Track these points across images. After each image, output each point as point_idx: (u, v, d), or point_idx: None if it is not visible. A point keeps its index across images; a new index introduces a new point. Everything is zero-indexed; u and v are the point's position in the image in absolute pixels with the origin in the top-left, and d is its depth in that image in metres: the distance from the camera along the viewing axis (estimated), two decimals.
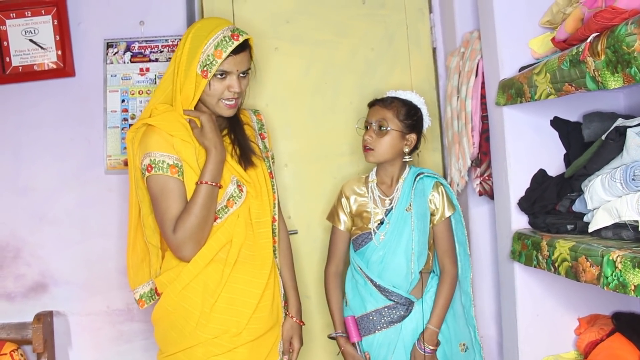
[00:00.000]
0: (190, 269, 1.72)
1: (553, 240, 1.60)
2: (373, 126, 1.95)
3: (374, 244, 1.96)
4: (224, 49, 1.70)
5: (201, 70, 1.71)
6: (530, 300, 1.86)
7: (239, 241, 1.76)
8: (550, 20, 1.79)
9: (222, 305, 1.73)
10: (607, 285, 1.32)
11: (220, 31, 1.73)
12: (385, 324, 1.94)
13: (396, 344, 1.93)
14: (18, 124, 2.35)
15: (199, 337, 1.72)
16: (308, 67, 2.46)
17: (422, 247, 1.94)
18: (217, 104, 1.76)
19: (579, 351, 1.82)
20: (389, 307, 1.94)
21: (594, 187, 1.55)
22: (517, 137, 1.88)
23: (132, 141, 1.78)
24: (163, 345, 1.81)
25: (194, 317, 1.72)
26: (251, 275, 1.77)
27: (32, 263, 2.34)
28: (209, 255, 1.73)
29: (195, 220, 1.67)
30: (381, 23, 2.48)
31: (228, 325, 1.73)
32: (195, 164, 1.73)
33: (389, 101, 1.98)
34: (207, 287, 1.73)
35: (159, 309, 1.79)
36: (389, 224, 1.96)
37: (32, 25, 2.34)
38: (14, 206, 2.34)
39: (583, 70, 1.38)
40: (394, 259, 1.93)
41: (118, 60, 2.36)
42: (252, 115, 2.02)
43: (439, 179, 2.00)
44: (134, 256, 1.87)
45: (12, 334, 2.25)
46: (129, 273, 1.88)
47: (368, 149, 1.95)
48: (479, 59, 2.06)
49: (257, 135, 1.98)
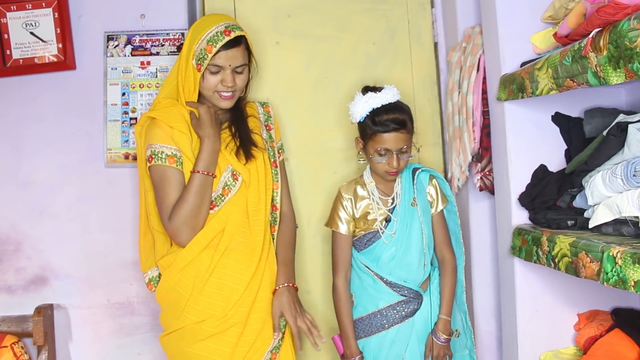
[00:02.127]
0: (185, 254, 1.82)
1: (553, 235, 1.61)
2: (395, 154, 1.88)
3: (383, 242, 1.97)
4: (215, 44, 1.79)
5: (196, 63, 1.82)
6: (530, 295, 1.87)
7: (232, 229, 1.84)
8: (552, 15, 1.78)
9: (211, 289, 1.81)
10: (607, 281, 1.32)
11: (215, 26, 1.82)
12: (399, 319, 1.96)
13: (410, 338, 1.95)
14: (19, 117, 2.35)
15: (186, 319, 1.81)
16: (309, 61, 2.46)
17: (430, 239, 2.00)
18: (212, 95, 1.87)
19: (578, 347, 1.82)
20: (402, 301, 1.96)
21: (594, 182, 1.55)
22: (518, 132, 1.88)
23: (140, 134, 1.90)
24: (163, 325, 1.93)
25: (184, 299, 1.81)
26: (240, 262, 1.84)
27: (32, 256, 2.34)
28: (203, 242, 1.82)
29: (188, 207, 1.78)
30: (383, 18, 2.48)
31: (214, 308, 1.80)
32: (191, 154, 1.83)
33: (403, 123, 1.88)
34: (199, 271, 1.82)
35: (159, 291, 1.90)
36: (396, 220, 1.96)
37: (33, 18, 2.33)
38: (14, 199, 2.34)
39: (585, 65, 1.37)
40: (407, 254, 1.96)
41: (119, 53, 2.36)
42: (259, 107, 2.09)
43: (432, 172, 2.05)
44: (145, 242, 1.98)
45: (13, 327, 2.25)
46: (140, 258, 1.99)
47: (394, 174, 1.94)
48: (481, 54, 2.06)
49: (263, 127, 2.05)
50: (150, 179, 1.86)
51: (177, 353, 1.86)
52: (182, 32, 2.35)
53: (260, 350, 1.84)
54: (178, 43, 2.34)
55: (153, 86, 2.34)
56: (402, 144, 1.89)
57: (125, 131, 2.34)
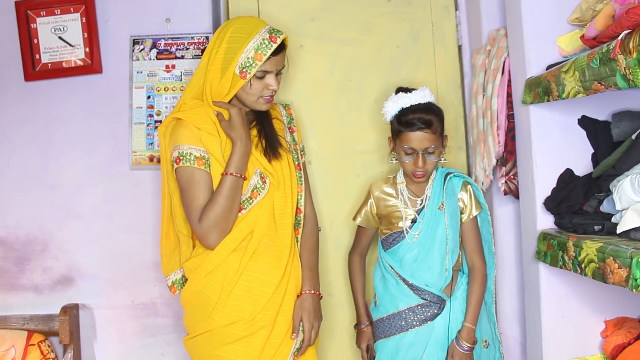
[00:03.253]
0: (213, 257, 1.81)
1: (580, 240, 1.58)
2: (421, 154, 1.91)
3: (407, 243, 1.98)
4: (264, 52, 1.79)
5: (240, 71, 1.79)
6: (555, 301, 1.84)
7: (260, 232, 1.84)
8: (579, 17, 1.76)
9: (239, 292, 1.80)
10: (636, 287, 1.30)
11: (258, 33, 1.80)
12: (418, 322, 1.95)
13: (427, 342, 1.94)
14: (46, 120, 2.39)
15: (214, 322, 1.80)
16: (333, 64, 2.46)
17: (455, 245, 1.98)
18: (256, 100, 1.86)
19: (605, 354, 1.79)
20: (422, 305, 1.96)
21: (622, 187, 1.53)
22: (543, 136, 1.86)
23: (164, 135, 1.89)
24: (188, 328, 1.92)
25: (212, 302, 1.81)
26: (269, 265, 1.83)
27: (59, 257, 2.37)
28: (232, 245, 1.81)
29: (219, 210, 1.77)
30: (406, 21, 2.47)
31: (242, 311, 1.80)
32: (220, 156, 1.82)
33: (429, 123, 1.91)
34: (227, 274, 1.81)
35: (185, 293, 1.90)
36: (422, 222, 1.97)
37: (61, 22, 2.38)
38: (42, 201, 2.38)
39: (613, 68, 1.35)
40: (429, 257, 1.96)
41: (144, 57, 2.39)
42: (282, 109, 2.09)
43: (467, 178, 2.04)
44: (167, 245, 1.97)
45: (40, 326, 2.29)
46: (162, 261, 1.98)
47: (421, 175, 1.95)
48: (506, 57, 2.04)
49: (286, 129, 2.04)
50: (177, 181, 1.85)
51: (203, 356, 1.86)
52: (206, 35, 2.37)
53: (285, 351, 1.84)
54: (202, 46, 2.36)
55: (178, 89, 2.37)
56: (427, 143, 1.90)
57: (150, 134, 2.37)
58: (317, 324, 1.92)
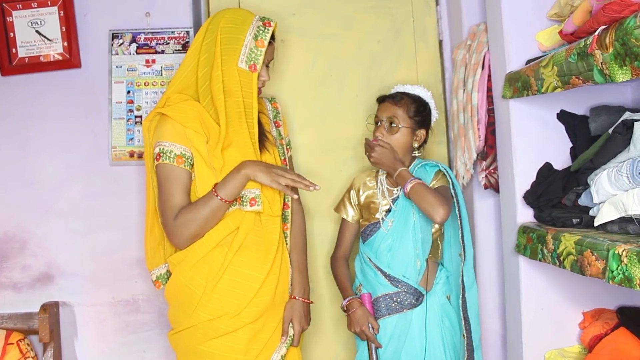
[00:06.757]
0: (196, 251, 1.79)
1: (558, 233, 1.60)
2: (384, 123, 2.01)
3: (383, 232, 2.01)
4: (264, 37, 1.78)
5: (248, 65, 1.77)
6: (534, 293, 1.86)
7: (246, 227, 1.82)
8: (557, 12, 1.78)
9: (224, 287, 1.79)
10: (612, 279, 1.32)
11: (252, 22, 1.80)
12: (398, 308, 1.96)
13: (407, 334, 1.96)
14: (24, 115, 2.36)
15: (199, 316, 1.79)
16: (314, 60, 2.45)
17: (426, 234, 2.00)
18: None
19: (583, 345, 1.82)
20: (398, 293, 1.97)
21: (600, 180, 1.55)
22: (523, 130, 1.87)
23: (148, 129, 1.87)
24: (172, 323, 1.91)
25: (197, 297, 1.79)
26: (255, 260, 1.82)
27: (38, 254, 2.35)
28: (217, 239, 1.80)
29: (198, 222, 1.76)
30: (387, 16, 2.47)
31: (228, 306, 1.79)
32: (206, 153, 1.79)
33: (399, 98, 2.02)
34: (212, 269, 1.79)
35: (169, 288, 1.88)
36: (396, 210, 2.00)
37: (39, 16, 2.34)
38: (20, 198, 2.35)
39: (591, 63, 1.37)
40: (402, 246, 1.98)
41: (123, 51, 2.36)
42: (267, 103, 2.07)
43: (444, 168, 2.02)
44: (152, 239, 1.95)
45: (19, 324, 2.26)
46: (146, 255, 1.96)
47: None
48: (486, 52, 2.05)
49: (272, 123, 2.03)
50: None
51: (188, 351, 1.85)
52: (187, 30, 2.35)
53: (272, 347, 1.84)
54: (183, 41, 2.34)
55: (158, 84, 2.35)
56: (389, 113, 2.00)
57: (130, 129, 2.34)
58: (307, 327, 1.94)
